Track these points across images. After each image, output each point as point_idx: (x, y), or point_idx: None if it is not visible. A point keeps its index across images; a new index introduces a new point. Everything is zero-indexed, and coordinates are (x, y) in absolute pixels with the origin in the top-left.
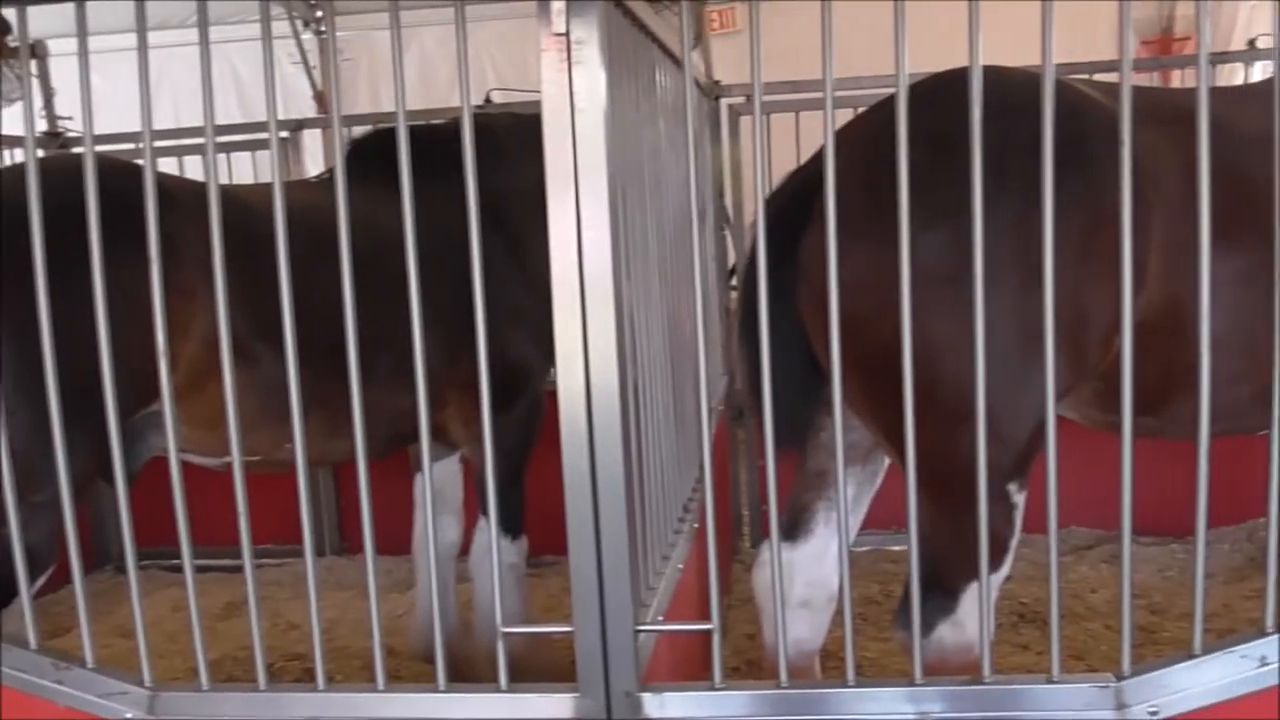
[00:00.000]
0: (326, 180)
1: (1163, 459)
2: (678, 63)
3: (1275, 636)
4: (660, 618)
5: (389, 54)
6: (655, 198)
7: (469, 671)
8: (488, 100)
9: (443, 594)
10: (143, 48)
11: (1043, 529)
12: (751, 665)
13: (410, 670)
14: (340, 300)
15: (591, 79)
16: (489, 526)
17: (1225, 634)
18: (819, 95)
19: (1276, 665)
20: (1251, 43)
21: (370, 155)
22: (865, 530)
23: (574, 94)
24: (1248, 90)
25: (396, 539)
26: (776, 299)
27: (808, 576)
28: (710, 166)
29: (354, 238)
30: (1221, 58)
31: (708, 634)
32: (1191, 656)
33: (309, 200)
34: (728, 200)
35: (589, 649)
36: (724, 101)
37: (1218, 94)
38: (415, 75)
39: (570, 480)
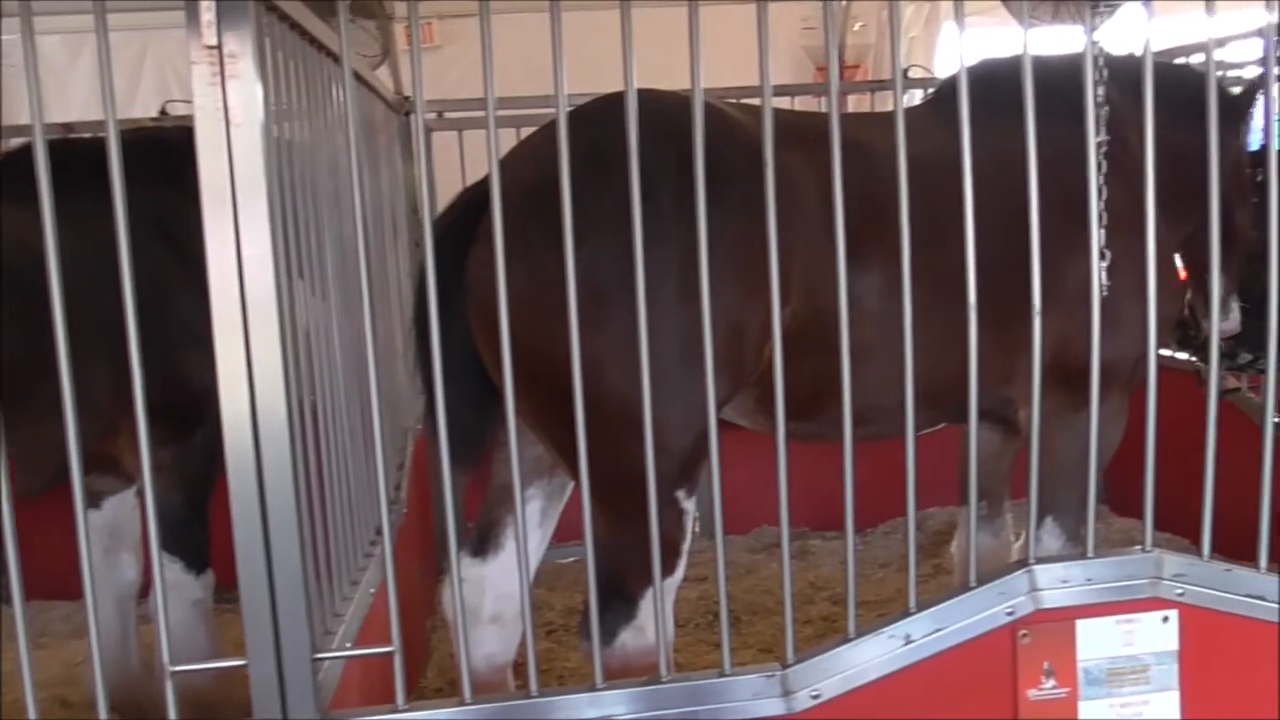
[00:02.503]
0: None
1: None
2: (357, 76)
3: (918, 615)
4: (349, 644)
5: (63, 61)
6: (336, 214)
7: (154, 715)
8: (163, 113)
9: (122, 636)
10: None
11: (737, 530)
12: (454, 685)
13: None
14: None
15: (247, 93)
16: (166, 562)
17: None
18: (510, 113)
19: (921, 642)
20: (904, 73)
21: (18, 173)
22: (572, 541)
23: (229, 108)
24: (887, 116)
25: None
26: (448, 316)
27: (498, 591)
28: (401, 183)
29: (4, 258)
30: (881, 85)
31: (412, 655)
32: (847, 640)
33: None
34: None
35: (264, 680)
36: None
37: (859, 119)
38: (89, 86)
39: (238, 508)
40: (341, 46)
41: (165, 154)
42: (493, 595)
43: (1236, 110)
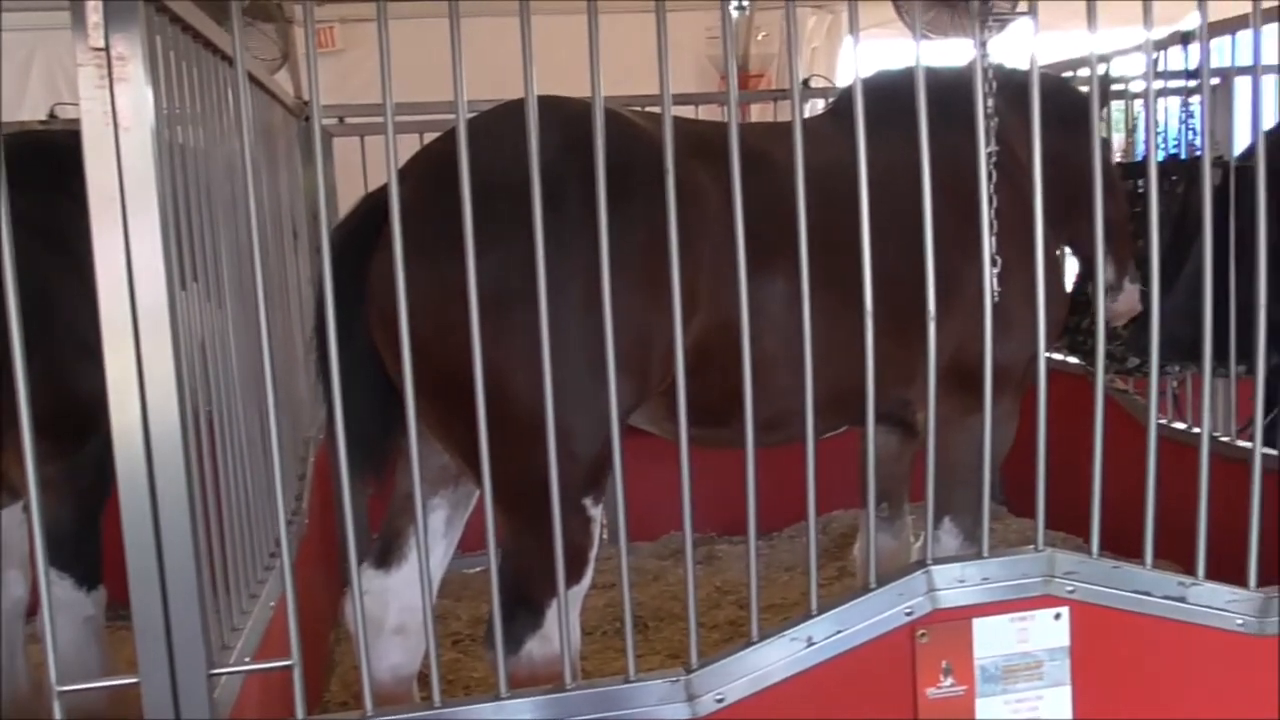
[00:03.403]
0: None
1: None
2: (254, 79)
3: (820, 617)
4: (247, 658)
5: None
6: (233, 220)
7: None
8: (52, 115)
9: (9, 656)
10: None
11: (646, 537)
12: (359, 698)
13: None
14: None
15: (137, 96)
16: (56, 578)
17: None
18: (413, 118)
19: (823, 643)
20: (806, 82)
21: None
22: (479, 550)
23: (117, 112)
24: (789, 126)
25: None
26: (350, 323)
27: (401, 602)
28: (302, 188)
29: None
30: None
31: (314, 668)
32: (750, 644)
33: None
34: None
35: (157, 698)
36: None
37: (765, 129)
38: None
39: (129, 522)
40: (234, 48)
41: (53, 158)
42: (396, 606)
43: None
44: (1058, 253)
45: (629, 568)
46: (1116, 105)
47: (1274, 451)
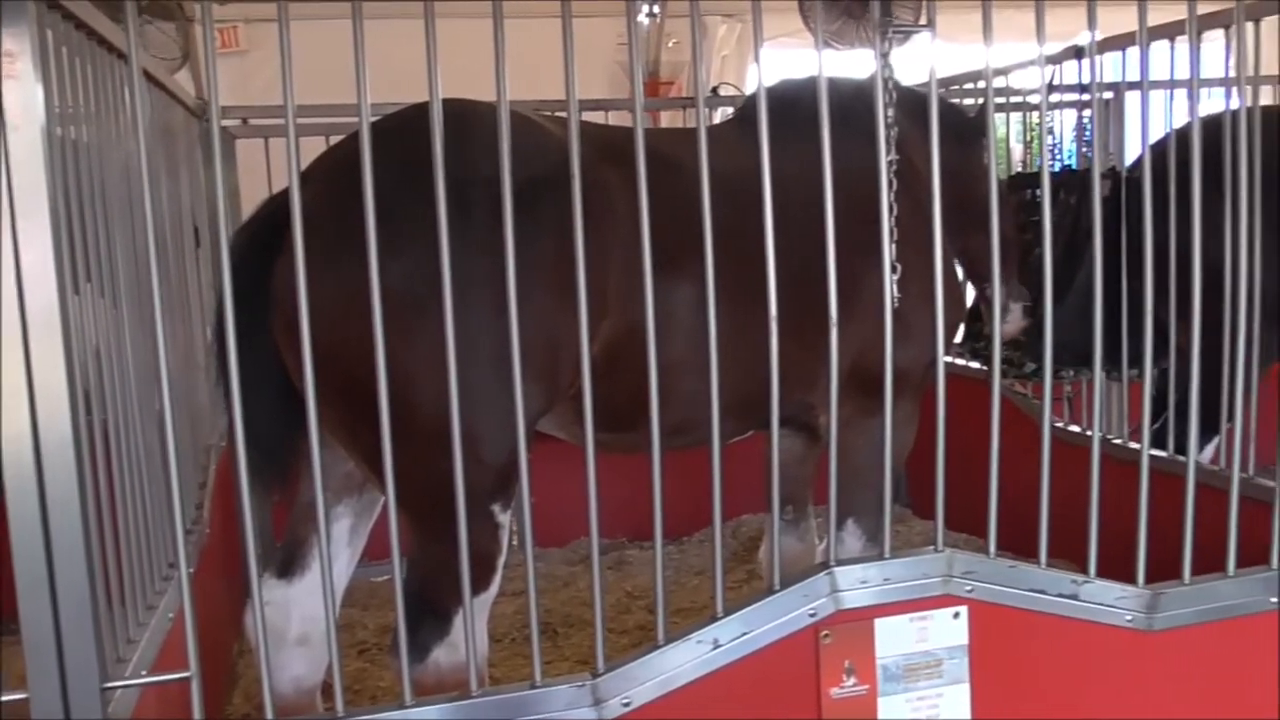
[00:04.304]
0: None
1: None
2: (154, 80)
3: (725, 620)
4: (144, 671)
5: None
6: (129, 222)
7: None
8: None
9: None
10: None
11: (556, 543)
12: (262, 710)
13: None
14: None
15: (26, 94)
16: None
17: None
18: (317, 120)
19: (728, 645)
20: (714, 90)
21: None
22: (386, 559)
23: (5, 110)
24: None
25: None
26: (253, 328)
27: (304, 612)
28: (204, 191)
29: None
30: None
31: (216, 680)
32: (657, 647)
33: None
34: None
35: (48, 714)
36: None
37: (673, 135)
38: None
39: (18, 533)
40: (129, 46)
41: None
42: (299, 616)
43: (976, 129)
44: (955, 261)
45: (539, 574)
46: (1015, 117)
47: (1163, 453)
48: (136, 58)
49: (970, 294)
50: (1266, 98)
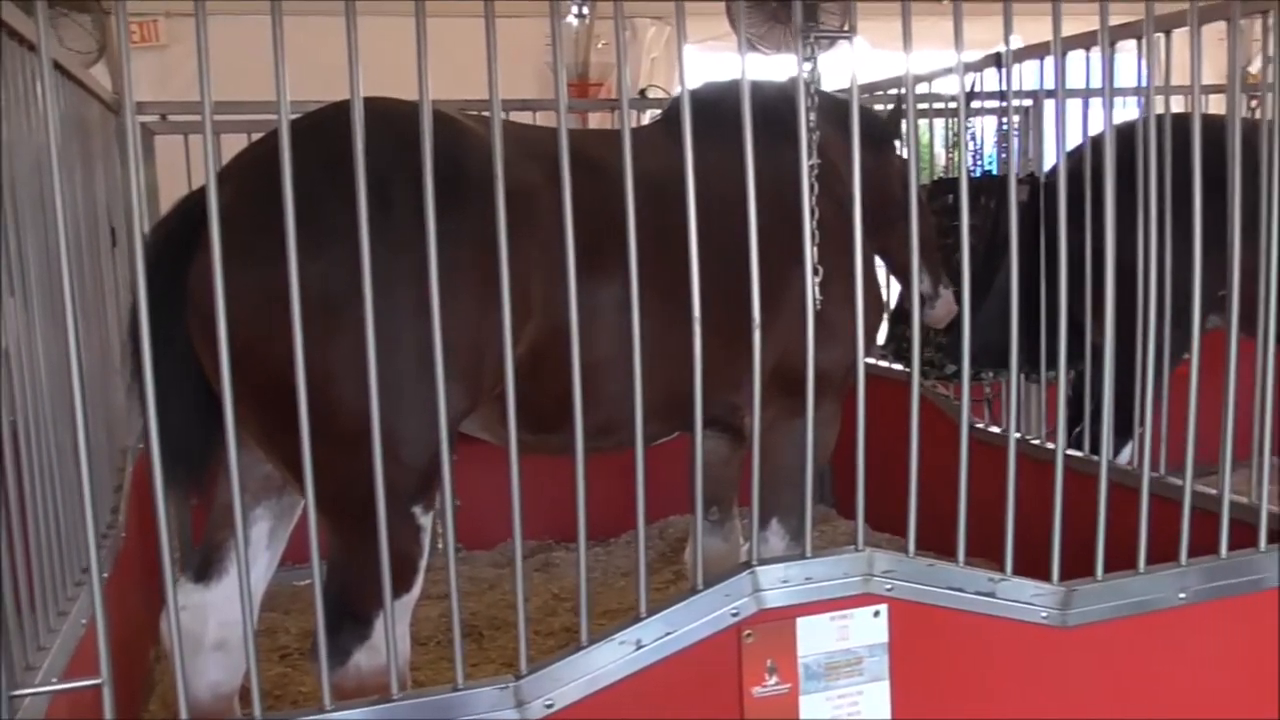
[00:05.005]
0: None
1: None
2: (67, 73)
3: (649, 620)
4: (55, 678)
5: None
6: (40, 219)
7: None
8: None
9: None
10: None
11: (482, 545)
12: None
13: None
14: None
15: None
16: None
17: None
18: (238, 117)
19: (651, 646)
20: (642, 92)
21: None
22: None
23: None
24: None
25: None
26: (167, 328)
27: (222, 617)
28: (120, 188)
29: None
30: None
31: (131, 687)
32: (580, 648)
33: None
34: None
35: None
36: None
37: (599, 136)
38: None
39: None
40: (39, 38)
41: None
42: (216, 622)
43: (888, 132)
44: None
45: (465, 577)
46: (939, 123)
47: (1078, 453)
48: (46, 49)
49: (895, 296)
50: (1177, 106)
